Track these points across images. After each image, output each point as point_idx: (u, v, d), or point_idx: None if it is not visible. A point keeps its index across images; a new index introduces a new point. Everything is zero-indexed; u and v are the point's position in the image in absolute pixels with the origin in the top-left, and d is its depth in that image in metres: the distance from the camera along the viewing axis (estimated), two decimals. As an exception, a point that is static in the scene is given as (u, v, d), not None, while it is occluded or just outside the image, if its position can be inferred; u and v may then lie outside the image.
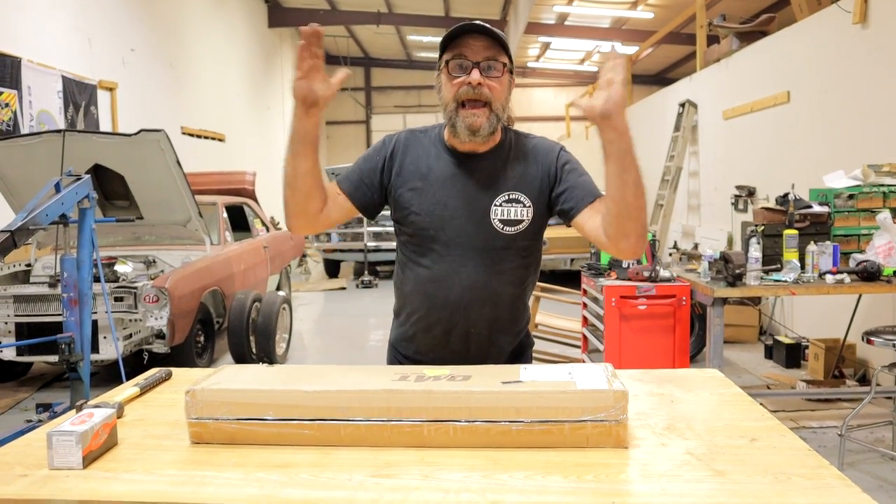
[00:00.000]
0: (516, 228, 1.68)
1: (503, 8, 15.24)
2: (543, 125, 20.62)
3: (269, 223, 7.84)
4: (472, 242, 1.67)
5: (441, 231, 1.68)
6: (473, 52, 1.62)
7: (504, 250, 1.69)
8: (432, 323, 1.73)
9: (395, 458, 1.26)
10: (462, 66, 1.62)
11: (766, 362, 5.62)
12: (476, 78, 1.60)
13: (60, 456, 1.24)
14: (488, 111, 1.63)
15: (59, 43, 6.97)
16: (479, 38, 1.62)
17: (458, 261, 1.68)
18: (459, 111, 1.63)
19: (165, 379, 1.79)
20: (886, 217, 4.03)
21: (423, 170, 1.72)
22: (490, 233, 1.67)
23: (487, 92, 1.61)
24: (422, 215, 1.69)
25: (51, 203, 3.48)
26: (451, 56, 1.64)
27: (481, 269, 1.68)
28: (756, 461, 1.23)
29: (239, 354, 5.37)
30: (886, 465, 3.55)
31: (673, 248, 6.06)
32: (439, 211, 1.68)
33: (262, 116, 14.57)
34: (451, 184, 1.69)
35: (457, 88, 1.63)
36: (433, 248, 1.70)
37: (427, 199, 1.69)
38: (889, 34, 4.87)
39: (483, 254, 1.68)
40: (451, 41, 1.64)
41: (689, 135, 9.03)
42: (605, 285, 4.21)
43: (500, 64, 1.63)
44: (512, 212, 1.67)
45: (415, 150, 1.74)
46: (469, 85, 1.61)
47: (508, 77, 1.67)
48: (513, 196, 1.68)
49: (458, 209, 1.68)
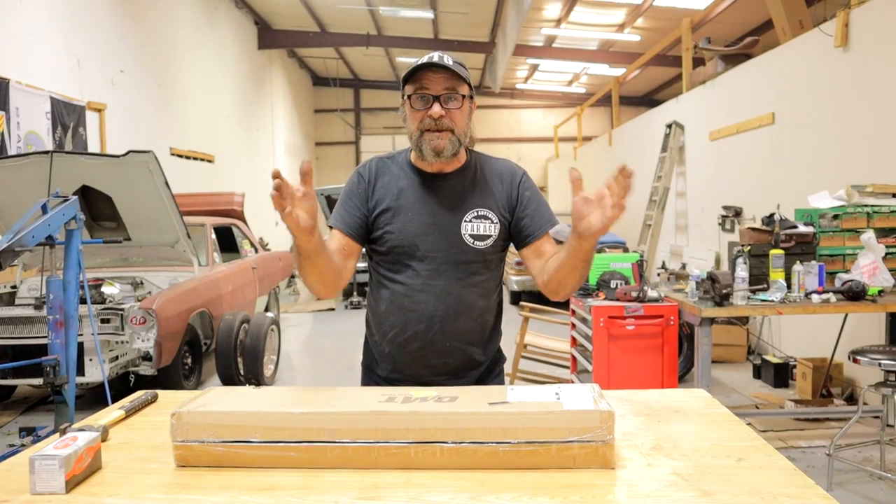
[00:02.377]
0: (485, 243, 1.79)
1: (492, 30, 15.39)
2: (532, 146, 20.78)
3: (257, 244, 7.82)
4: (445, 256, 1.77)
5: (415, 247, 1.77)
6: (434, 84, 1.71)
7: (474, 263, 1.80)
8: (409, 338, 1.79)
9: (382, 479, 1.26)
10: (423, 98, 1.72)
11: (754, 382, 5.63)
12: (437, 112, 1.71)
13: (43, 480, 1.22)
14: (450, 134, 1.74)
15: (47, 64, 6.98)
16: (438, 72, 1.71)
17: (432, 275, 1.77)
18: (424, 135, 1.74)
19: (151, 401, 1.77)
20: (871, 237, 4.07)
21: (394, 192, 1.81)
22: (461, 247, 1.78)
23: (448, 122, 1.73)
24: (396, 234, 1.78)
25: (37, 224, 3.47)
26: (413, 90, 1.73)
27: (454, 281, 1.78)
28: (742, 481, 1.23)
29: (227, 376, 5.33)
30: (874, 485, 3.55)
31: (661, 269, 6.08)
32: (413, 228, 1.78)
33: (252, 137, 14.58)
34: (423, 203, 1.80)
35: (420, 119, 1.73)
36: (408, 264, 1.78)
37: (401, 219, 1.79)
38: (869, 57, 4.96)
39: (455, 267, 1.78)
40: (413, 74, 1.72)
41: (677, 155, 9.11)
42: (594, 305, 4.22)
43: (460, 95, 1.73)
44: (481, 227, 1.79)
45: (385, 175, 1.84)
46: (430, 117, 1.71)
47: (469, 103, 1.77)
48: (481, 213, 1.80)
49: (430, 226, 1.78)
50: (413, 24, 15.03)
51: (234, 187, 9.99)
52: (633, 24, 12.41)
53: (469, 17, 14.34)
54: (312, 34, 15.55)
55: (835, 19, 5.28)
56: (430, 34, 15.58)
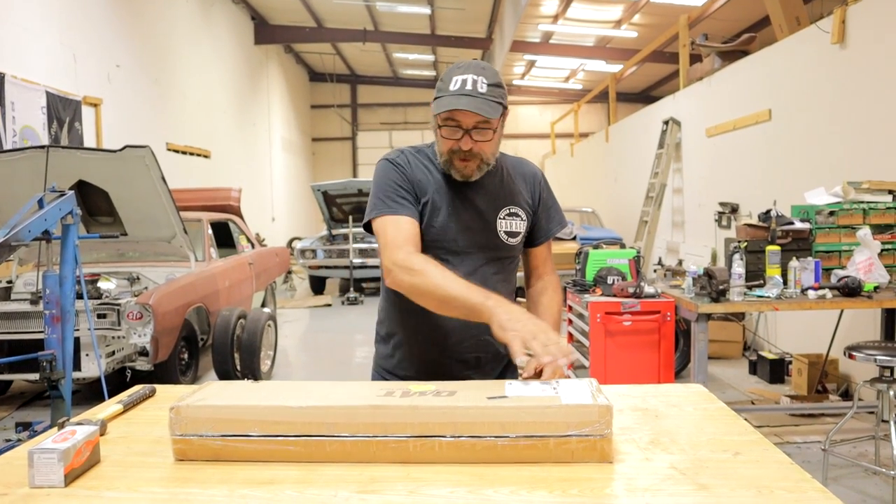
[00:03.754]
0: (517, 239, 1.86)
1: (489, 26, 15.38)
2: (529, 142, 20.78)
3: (254, 240, 7.81)
4: (483, 253, 1.82)
5: (455, 243, 1.80)
6: (465, 118, 1.67)
7: (506, 259, 1.87)
8: (447, 332, 1.80)
9: (381, 473, 1.26)
10: (453, 129, 1.69)
11: (750, 378, 5.65)
12: (466, 145, 1.69)
13: (42, 474, 1.22)
14: (479, 161, 1.73)
15: (43, 59, 6.95)
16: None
17: (469, 270, 1.78)
18: (453, 160, 1.73)
19: (149, 396, 1.77)
20: (866, 233, 4.08)
21: (433, 185, 1.80)
22: (498, 243, 1.83)
23: (477, 151, 1.71)
24: (438, 228, 1.79)
25: (34, 219, 3.46)
26: (443, 120, 1.70)
27: (488, 275, 1.82)
28: (740, 475, 1.24)
29: (223, 371, 5.33)
30: (869, 480, 3.57)
31: (657, 265, 6.10)
32: (455, 224, 1.79)
33: (248, 133, 14.56)
34: (461, 199, 1.80)
35: (449, 147, 1.72)
36: (445, 258, 1.77)
37: (443, 213, 1.79)
38: (865, 54, 4.97)
39: (490, 263, 1.83)
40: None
41: (673, 152, 9.12)
42: (590, 301, 4.23)
43: (491, 128, 1.69)
44: (513, 224, 1.85)
45: (419, 170, 1.81)
46: (460, 148, 1.70)
47: (501, 125, 1.74)
48: (513, 210, 1.85)
49: (471, 221, 1.81)
50: (410, 20, 15.01)
51: (231, 183, 9.99)
52: (630, 21, 12.42)
53: (466, 13, 14.33)
54: (309, 29, 15.52)
55: (832, 16, 5.29)
56: (426, 30, 15.57)
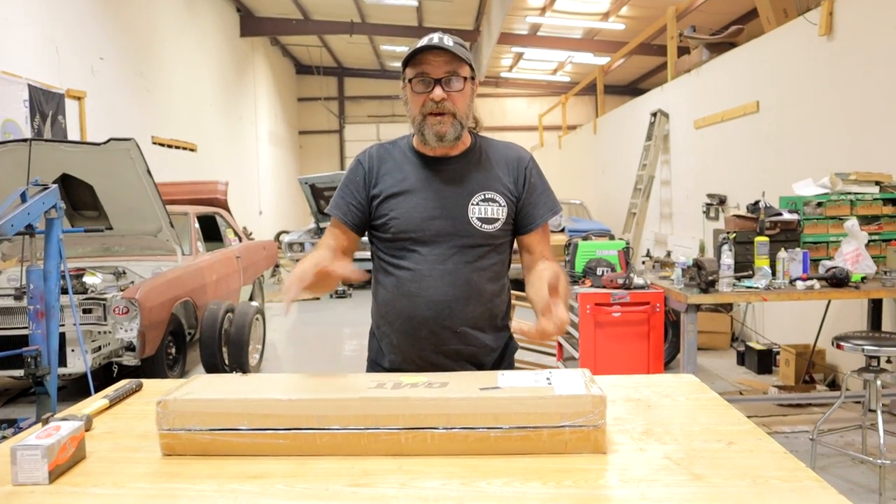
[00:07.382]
0: (493, 226, 1.76)
1: (476, 18, 15.34)
2: (517, 134, 20.76)
3: (241, 233, 7.76)
4: (452, 240, 1.74)
5: (421, 232, 1.74)
6: (434, 69, 1.68)
7: (482, 247, 1.77)
8: (418, 324, 1.75)
9: (373, 466, 1.24)
10: (424, 82, 1.69)
11: (738, 368, 5.68)
12: (438, 95, 1.68)
13: (25, 471, 1.20)
14: (452, 118, 1.71)
15: (25, 51, 6.85)
16: (439, 54, 1.68)
17: (440, 259, 1.74)
18: (426, 119, 1.72)
19: (136, 390, 1.75)
20: (854, 224, 4.10)
21: (398, 177, 1.79)
22: (469, 230, 1.75)
23: (450, 105, 1.70)
24: (401, 219, 1.75)
25: (16, 213, 3.41)
26: (414, 74, 1.70)
27: (462, 265, 1.75)
28: (734, 464, 1.23)
29: (211, 366, 5.29)
30: (857, 469, 3.60)
31: (646, 256, 6.10)
32: (418, 213, 1.75)
33: (235, 126, 14.45)
34: (428, 187, 1.77)
35: (421, 103, 1.71)
36: (413, 249, 1.75)
37: (405, 203, 1.76)
38: (853, 46, 4.98)
39: (463, 251, 1.75)
40: (413, 57, 1.69)
41: (661, 144, 9.13)
42: (580, 293, 4.23)
43: (461, 78, 1.70)
44: (488, 210, 1.76)
45: (387, 161, 1.82)
46: (432, 100, 1.68)
47: (471, 85, 1.75)
48: (488, 196, 1.77)
49: (436, 209, 1.75)
50: (397, 12, 14.94)
51: (218, 176, 9.91)
52: (618, 13, 12.41)
53: (453, 5, 14.28)
54: (295, 21, 15.41)
55: (819, 8, 5.30)
56: (414, 22, 15.50)
